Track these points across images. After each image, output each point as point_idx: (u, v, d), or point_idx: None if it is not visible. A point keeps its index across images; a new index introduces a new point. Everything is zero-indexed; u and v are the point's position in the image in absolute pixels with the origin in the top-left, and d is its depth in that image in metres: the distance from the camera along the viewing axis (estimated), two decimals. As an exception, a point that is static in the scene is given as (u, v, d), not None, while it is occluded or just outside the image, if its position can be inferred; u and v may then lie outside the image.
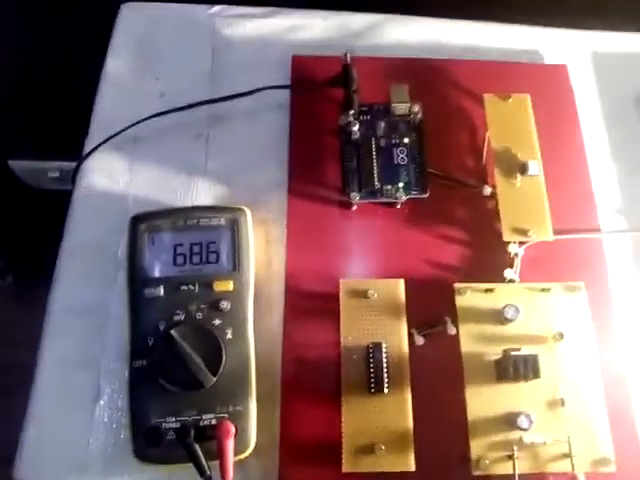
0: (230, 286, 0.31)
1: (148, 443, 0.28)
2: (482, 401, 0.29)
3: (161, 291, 0.30)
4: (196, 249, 0.31)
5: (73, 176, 0.36)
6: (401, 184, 0.34)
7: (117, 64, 0.39)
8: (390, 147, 0.34)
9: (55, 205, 0.38)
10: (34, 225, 0.66)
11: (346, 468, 0.28)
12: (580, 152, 0.37)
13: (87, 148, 0.36)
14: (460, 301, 0.31)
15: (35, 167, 0.66)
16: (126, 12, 0.41)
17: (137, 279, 0.31)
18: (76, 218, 0.35)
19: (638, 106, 0.39)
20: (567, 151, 0.37)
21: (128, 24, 0.40)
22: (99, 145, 0.36)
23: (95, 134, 0.36)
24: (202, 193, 0.35)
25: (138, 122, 0.35)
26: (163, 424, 0.28)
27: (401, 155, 0.34)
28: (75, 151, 0.37)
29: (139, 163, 0.36)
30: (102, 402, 0.31)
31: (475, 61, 0.39)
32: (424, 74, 0.38)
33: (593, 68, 0.40)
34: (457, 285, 0.31)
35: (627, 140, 0.38)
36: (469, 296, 0.31)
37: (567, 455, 0.28)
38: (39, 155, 0.65)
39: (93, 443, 0.30)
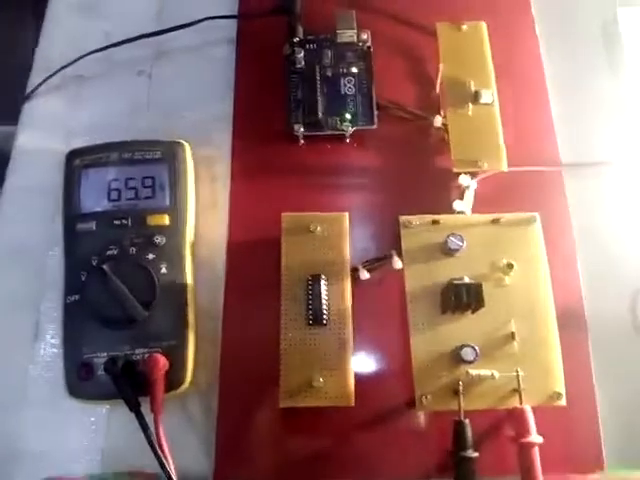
0: (166, 220, 0.30)
1: (79, 378, 0.28)
2: (427, 336, 0.28)
3: (93, 226, 0.29)
4: (131, 184, 0.30)
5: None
6: (348, 115, 0.32)
7: (61, 4, 0.38)
8: (337, 77, 0.33)
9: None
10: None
11: (283, 403, 0.27)
12: (541, 82, 0.35)
13: (29, 88, 0.35)
14: (405, 234, 0.29)
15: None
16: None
17: (70, 214, 0.30)
18: (19, 159, 0.34)
19: (605, 34, 0.37)
20: (527, 81, 0.35)
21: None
22: (40, 84, 0.34)
23: (37, 74, 0.35)
24: (145, 130, 0.33)
25: (77, 59, 0.34)
26: (95, 359, 0.28)
27: (348, 85, 0.33)
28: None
29: (83, 102, 0.35)
30: (42, 341, 0.30)
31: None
32: (377, 2, 0.36)
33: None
34: (402, 217, 0.29)
35: (593, 69, 0.36)
36: (415, 229, 0.29)
37: (516, 390, 0.27)
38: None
39: (33, 382, 0.29)
